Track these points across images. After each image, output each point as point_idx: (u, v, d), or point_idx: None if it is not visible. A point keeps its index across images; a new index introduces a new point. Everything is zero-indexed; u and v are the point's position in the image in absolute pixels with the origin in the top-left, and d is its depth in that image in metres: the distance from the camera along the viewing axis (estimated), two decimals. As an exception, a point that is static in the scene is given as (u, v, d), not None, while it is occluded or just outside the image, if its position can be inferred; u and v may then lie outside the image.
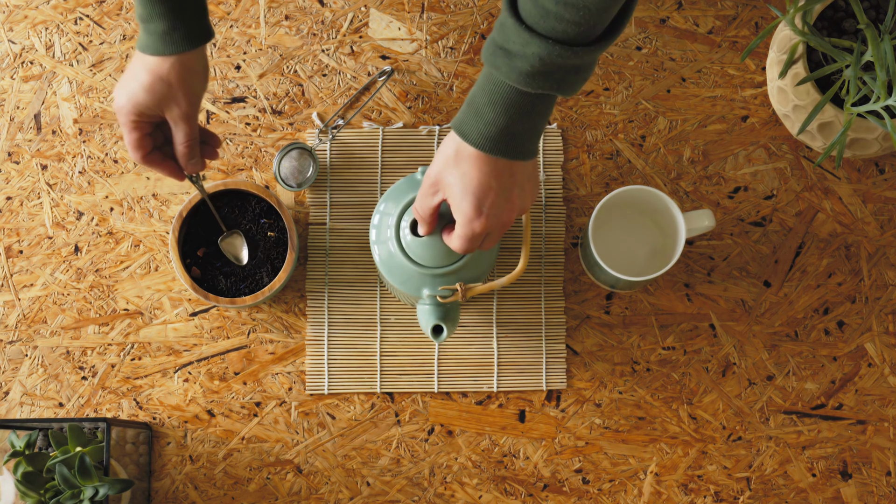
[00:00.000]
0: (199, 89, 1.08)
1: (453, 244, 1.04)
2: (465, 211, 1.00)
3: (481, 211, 0.99)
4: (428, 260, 1.10)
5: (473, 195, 0.99)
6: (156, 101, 1.06)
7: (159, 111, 1.07)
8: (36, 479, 1.11)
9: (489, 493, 1.26)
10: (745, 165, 1.31)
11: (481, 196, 0.99)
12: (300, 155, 1.29)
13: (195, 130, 1.09)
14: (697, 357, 1.28)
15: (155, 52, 1.04)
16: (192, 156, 1.11)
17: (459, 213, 1.00)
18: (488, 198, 0.99)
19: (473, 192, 0.99)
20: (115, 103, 1.07)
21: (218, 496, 1.26)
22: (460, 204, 1.00)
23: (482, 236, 1.02)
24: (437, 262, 1.10)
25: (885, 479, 1.27)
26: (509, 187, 1.00)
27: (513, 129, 0.97)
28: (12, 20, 1.33)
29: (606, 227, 1.26)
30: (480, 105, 0.97)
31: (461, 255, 1.11)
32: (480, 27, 1.33)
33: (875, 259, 1.30)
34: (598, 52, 0.93)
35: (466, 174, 0.98)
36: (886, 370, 1.28)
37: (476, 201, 0.99)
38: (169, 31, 1.03)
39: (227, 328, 1.28)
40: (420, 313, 1.12)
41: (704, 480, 1.26)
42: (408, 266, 1.10)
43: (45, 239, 1.30)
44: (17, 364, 1.28)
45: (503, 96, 0.95)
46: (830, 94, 1.17)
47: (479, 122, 0.97)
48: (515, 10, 0.92)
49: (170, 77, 1.04)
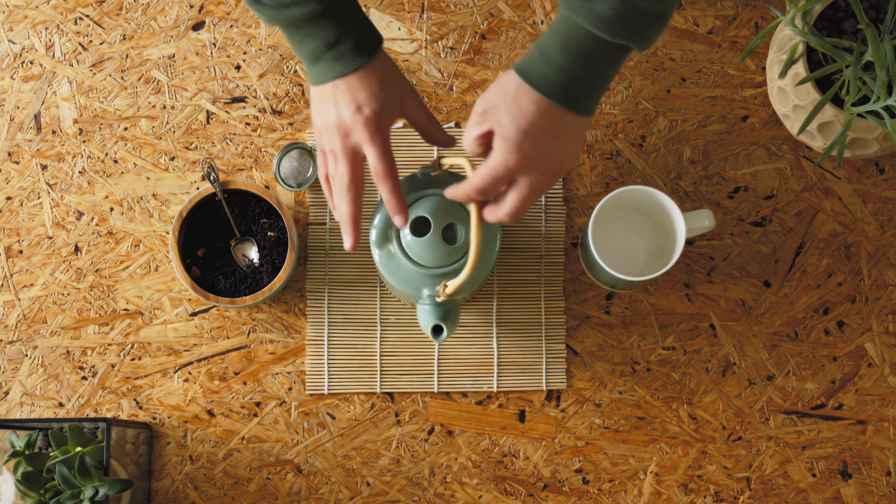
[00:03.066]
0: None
1: (472, 180, 1.00)
2: (507, 140, 0.96)
3: (523, 148, 0.96)
4: (428, 260, 1.10)
5: (521, 129, 0.95)
6: (398, 97, 1.03)
7: (400, 107, 1.05)
8: (36, 479, 1.11)
9: (489, 493, 1.26)
10: (745, 165, 1.31)
11: (529, 131, 0.95)
12: (300, 155, 1.29)
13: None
14: (697, 357, 1.28)
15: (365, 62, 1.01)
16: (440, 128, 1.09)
17: (500, 143, 0.97)
18: (534, 136, 0.96)
19: (522, 127, 0.95)
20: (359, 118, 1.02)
21: (218, 496, 1.26)
22: (506, 133, 0.96)
23: (507, 179, 0.98)
24: (437, 262, 1.10)
25: (885, 479, 1.27)
26: (557, 135, 0.96)
27: (579, 79, 0.94)
28: (12, 20, 1.33)
29: (606, 227, 1.26)
30: (550, 48, 0.94)
31: (461, 255, 1.11)
32: (480, 27, 1.33)
33: (875, 259, 1.30)
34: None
35: (522, 108, 0.95)
36: (886, 370, 1.28)
37: (522, 135, 0.96)
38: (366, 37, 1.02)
39: (227, 328, 1.28)
40: (420, 313, 1.12)
41: (704, 480, 1.26)
42: (408, 266, 1.10)
43: (45, 239, 1.30)
44: (17, 364, 1.28)
45: (577, 41, 0.93)
46: (830, 94, 1.17)
47: (546, 66, 0.95)
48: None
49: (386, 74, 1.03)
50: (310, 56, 1.03)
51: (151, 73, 1.32)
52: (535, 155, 0.97)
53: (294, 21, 1.00)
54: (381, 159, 1.02)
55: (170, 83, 1.32)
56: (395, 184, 1.03)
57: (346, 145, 1.03)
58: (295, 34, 1.02)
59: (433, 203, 1.10)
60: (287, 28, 1.02)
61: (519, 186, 0.99)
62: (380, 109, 1.02)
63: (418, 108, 1.07)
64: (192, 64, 1.32)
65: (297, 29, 1.01)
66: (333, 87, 1.02)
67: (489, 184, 0.99)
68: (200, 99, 1.31)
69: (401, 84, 1.05)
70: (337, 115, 1.02)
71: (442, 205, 1.10)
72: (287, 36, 1.03)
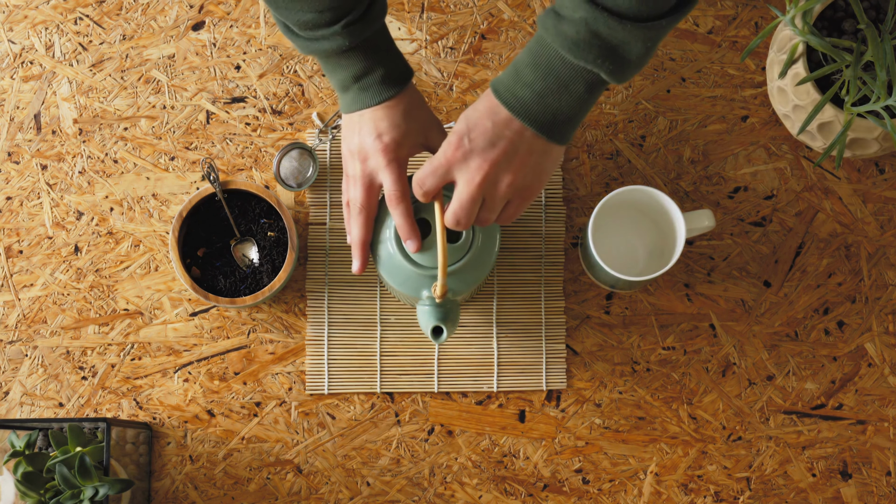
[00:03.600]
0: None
1: (417, 172, 1.02)
2: (452, 132, 0.99)
3: (462, 141, 0.98)
4: (428, 260, 1.10)
5: (467, 119, 0.98)
6: (421, 128, 1.07)
7: (424, 139, 1.08)
8: (36, 479, 1.11)
9: (489, 493, 1.26)
10: (745, 165, 1.31)
11: (473, 125, 0.97)
12: (300, 155, 1.29)
13: None
14: (697, 357, 1.28)
15: (392, 94, 1.05)
16: None
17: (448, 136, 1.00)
18: (476, 132, 0.97)
19: (469, 118, 0.98)
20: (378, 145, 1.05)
21: (218, 496, 1.26)
22: (455, 128, 0.99)
23: (443, 171, 1.00)
24: (436, 263, 1.10)
25: (885, 479, 1.27)
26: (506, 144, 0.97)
27: (547, 100, 0.95)
28: (12, 20, 1.33)
29: (606, 227, 1.26)
30: (522, 66, 0.95)
31: (461, 255, 1.10)
32: (480, 27, 1.33)
33: (875, 259, 1.30)
34: (647, 32, 0.90)
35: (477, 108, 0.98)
36: (886, 370, 1.28)
37: (465, 127, 0.98)
38: (394, 70, 1.05)
39: (227, 328, 1.28)
40: (420, 314, 1.12)
41: (704, 480, 1.26)
42: (406, 267, 1.10)
43: (45, 239, 1.30)
44: (17, 364, 1.28)
45: (546, 60, 0.94)
46: (830, 94, 1.17)
47: (515, 82, 0.96)
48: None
49: (412, 106, 1.07)
50: (340, 85, 1.07)
51: (151, 73, 1.32)
52: (473, 152, 0.98)
53: (324, 53, 1.04)
54: (394, 184, 1.05)
55: (170, 83, 1.32)
56: (408, 208, 1.05)
57: (364, 171, 1.07)
58: (327, 64, 1.06)
59: (432, 204, 1.10)
60: (320, 58, 1.06)
61: (458, 188, 1.01)
62: (399, 139, 1.05)
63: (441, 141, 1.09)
64: (192, 64, 1.32)
65: (328, 60, 1.06)
66: (360, 116, 1.07)
67: (427, 175, 1.01)
68: (200, 99, 1.31)
69: (425, 116, 1.08)
70: (359, 141, 1.06)
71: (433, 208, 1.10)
72: (321, 64, 1.07)
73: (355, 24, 1.02)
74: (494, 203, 1.02)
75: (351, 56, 1.04)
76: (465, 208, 1.01)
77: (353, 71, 1.05)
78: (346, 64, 1.05)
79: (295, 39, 1.05)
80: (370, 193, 1.08)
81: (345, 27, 1.01)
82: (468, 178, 0.99)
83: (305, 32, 1.04)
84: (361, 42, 1.03)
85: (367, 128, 1.06)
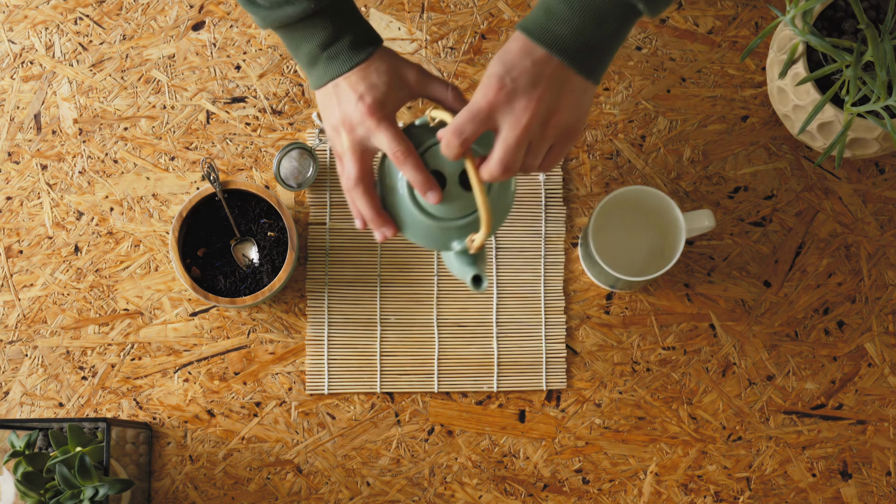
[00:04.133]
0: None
1: (451, 122, 0.95)
2: (487, 76, 0.93)
3: (503, 81, 0.92)
4: (451, 212, 1.01)
5: (502, 62, 0.93)
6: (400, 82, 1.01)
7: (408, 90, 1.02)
8: (36, 479, 1.11)
9: (489, 493, 1.26)
10: (745, 165, 1.31)
11: (510, 66, 0.92)
12: (300, 155, 1.29)
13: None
14: (697, 357, 1.28)
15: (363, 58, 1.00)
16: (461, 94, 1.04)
17: (482, 81, 0.94)
18: (515, 72, 0.93)
19: (503, 61, 0.92)
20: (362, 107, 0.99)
21: (218, 496, 1.26)
22: (488, 71, 0.93)
23: (487, 118, 0.94)
24: (463, 212, 1.01)
25: (885, 479, 1.27)
26: (545, 82, 0.93)
27: (584, 35, 0.92)
28: (12, 20, 1.33)
29: (606, 227, 1.26)
30: (554, 4, 0.92)
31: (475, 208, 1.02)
32: (480, 27, 1.33)
33: (875, 259, 1.30)
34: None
35: (508, 49, 0.93)
36: (886, 370, 1.28)
37: (502, 68, 0.92)
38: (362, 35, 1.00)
39: (227, 328, 1.28)
40: (452, 265, 1.05)
41: (704, 480, 1.26)
42: (428, 223, 1.02)
43: (45, 239, 1.30)
44: (17, 364, 1.28)
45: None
46: (830, 94, 1.17)
47: (549, 20, 0.93)
48: None
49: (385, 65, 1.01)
50: (307, 59, 1.02)
51: (151, 73, 1.32)
52: (517, 89, 0.93)
53: (288, 21, 0.99)
54: (394, 141, 0.98)
55: (170, 83, 1.32)
56: (418, 161, 0.98)
57: (353, 140, 1.01)
58: (291, 37, 1.01)
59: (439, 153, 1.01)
60: (283, 31, 1.01)
61: (503, 132, 0.95)
62: (382, 97, 1.00)
63: (432, 83, 1.03)
64: (192, 64, 1.32)
65: (292, 32, 1.01)
66: (334, 87, 1.01)
67: (466, 122, 0.94)
68: (200, 99, 1.31)
69: (402, 66, 1.02)
70: (340, 113, 1.01)
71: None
72: (284, 40, 1.03)
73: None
74: (540, 146, 0.96)
75: (317, 23, 0.99)
76: (512, 153, 0.94)
77: (319, 39, 1.00)
78: (312, 32, 1.00)
79: (256, 11, 1.00)
80: (364, 161, 1.01)
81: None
82: (514, 121, 0.94)
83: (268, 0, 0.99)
84: (327, 6, 0.98)
85: (346, 95, 1.00)
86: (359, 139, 1.01)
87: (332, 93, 1.02)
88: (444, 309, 1.29)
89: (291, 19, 0.99)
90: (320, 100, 1.03)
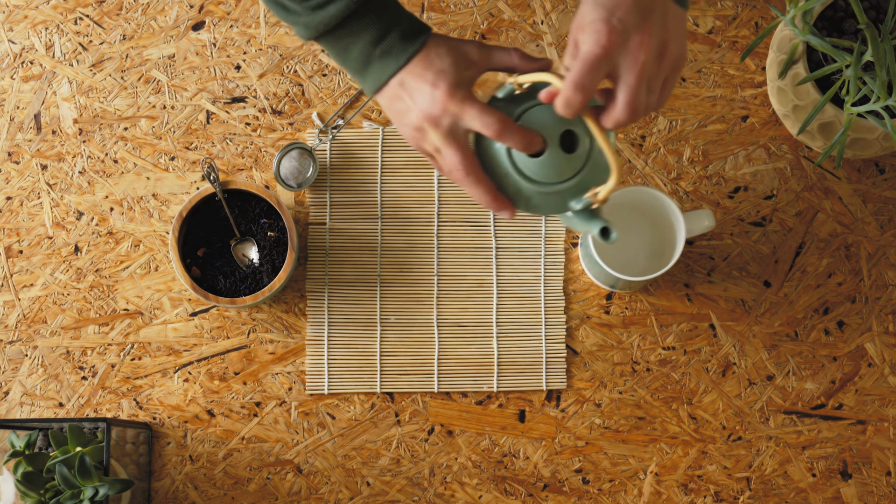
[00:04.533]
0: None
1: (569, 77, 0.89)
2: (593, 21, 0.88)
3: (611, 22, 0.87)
4: (554, 175, 0.96)
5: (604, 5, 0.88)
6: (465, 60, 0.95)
7: (475, 66, 0.96)
8: (36, 479, 1.11)
9: (489, 493, 1.26)
10: (745, 165, 1.31)
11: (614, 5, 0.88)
12: (300, 155, 1.29)
13: None
14: (697, 357, 1.28)
15: (419, 46, 0.95)
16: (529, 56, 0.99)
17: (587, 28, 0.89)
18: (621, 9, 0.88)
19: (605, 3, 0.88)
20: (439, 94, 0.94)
21: (218, 496, 1.26)
22: (591, 16, 0.88)
23: (604, 63, 0.88)
24: (567, 174, 0.97)
25: (885, 479, 1.27)
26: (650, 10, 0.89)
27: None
28: (12, 20, 1.33)
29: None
30: None
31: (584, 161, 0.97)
32: (480, 27, 1.33)
33: (875, 259, 1.30)
34: None
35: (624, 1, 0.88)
36: (886, 370, 1.28)
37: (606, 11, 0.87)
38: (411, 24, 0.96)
39: (227, 328, 1.28)
40: (575, 224, 1.00)
41: (704, 480, 1.26)
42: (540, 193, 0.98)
43: (45, 239, 1.30)
44: (17, 364, 1.28)
45: None
46: (830, 94, 1.17)
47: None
48: None
49: (443, 48, 0.95)
50: (360, 60, 0.96)
51: (151, 73, 1.32)
52: (628, 28, 0.89)
53: (332, 23, 0.94)
54: (485, 114, 0.93)
55: (170, 83, 1.32)
56: (516, 125, 0.94)
57: (443, 132, 0.95)
58: (338, 42, 0.96)
59: (536, 116, 0.96)
60: (328, 38, 0.96)
61: (623, 75, 0.90)
62: (455, 79, 0.94)
63: (494, 53, 0.97)
64: (192, 64, 1.32)
65: (338, 37, 0.96)
66: (399, 85, 0.96)
67: (585, 74, 0.88)
68: (200, 99, 1.31)
69: (464, 46, 0.96)
70: (417, 108, 0.95)
71: (547, 115, 0.95)
72: (331, 48, 0.97)
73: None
74: (656, 82, 0.92)
75: (362, 20, 0.94)
76: (636, 93, 0.90)
77: (369, 36, 0.94)
78: (360, 31, 0.94)
79: (296, 19, 0.95)
80: (463, 148, 0.95)
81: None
82: (632, 60, 0.89)
83: (305, 4, 0.93)
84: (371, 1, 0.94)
85: (417, 89, 0.94)
86: (448, 128, 0.95)
87: (399, 92, 0.96)
88: (444, 309, 1.29)
89: (335, 19, 0.94)
90: (386, 104, 0.98)
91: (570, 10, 1.33)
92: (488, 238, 1.30)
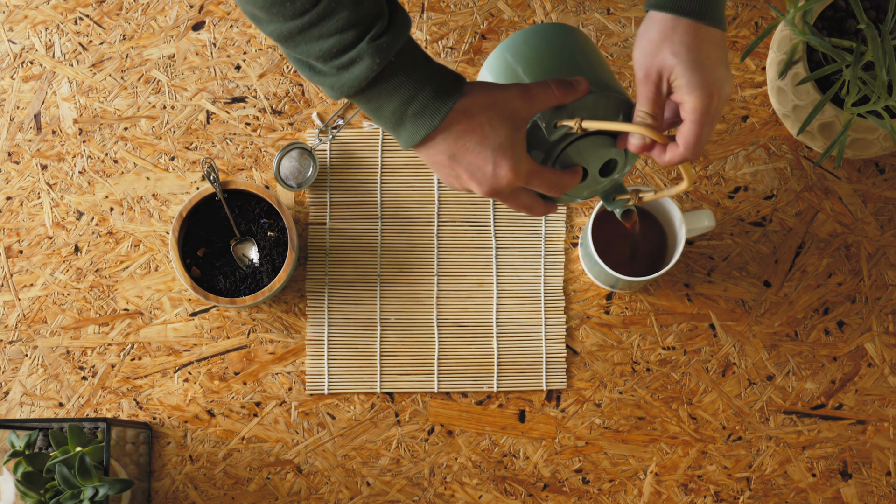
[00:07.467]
0: None
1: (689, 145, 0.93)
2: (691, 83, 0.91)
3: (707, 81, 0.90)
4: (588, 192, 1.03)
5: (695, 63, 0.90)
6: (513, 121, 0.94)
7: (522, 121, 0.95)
8: (36, 479, 1.11)
9: (489, 493, 1.26)
10: (745, 165, 1.31)
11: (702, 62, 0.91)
12: (300, 155, 1.29)
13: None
14: (697, 357, 1.28)
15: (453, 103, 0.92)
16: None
17: (687, 90, 0.91)
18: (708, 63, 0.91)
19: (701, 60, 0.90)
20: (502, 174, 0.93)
21: (218, 496, 1.26)
22: (691, 79, 0.91)
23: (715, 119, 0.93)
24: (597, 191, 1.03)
25: (885, 479, 1.27)
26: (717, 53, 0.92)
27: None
28: (12, 20, 1.33)
29: (606, 227, 1.26)
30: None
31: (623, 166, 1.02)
32: (480, 27, 1.33)
33: (875, 259, 1.30)
34: None
35: (682, 42, 0.91)
36: (886, 370, 1.28)
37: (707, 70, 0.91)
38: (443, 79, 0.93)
39: (227, 328, 1.28)
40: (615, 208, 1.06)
41: (704, 480, 1.26)
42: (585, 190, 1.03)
43: (45, 239, 1.30)
44: (17, 364, 1.28)
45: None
46: (830, 94, 1.17)
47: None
48: None
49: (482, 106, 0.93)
50: (393, 120, 0.93)
51: (151, 73, 1.32)
52: (720, 80, 0.92)
53: (359, 85, 0.91)
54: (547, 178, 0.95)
55: (170, 83, 1.32)
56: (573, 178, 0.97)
57: (505, 196, 0.96)
58: (368, 104, 0.93)
59: (579, 149, 0.97)
60: (358, 98, 0.93)
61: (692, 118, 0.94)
62: (517, 155, 0.93)
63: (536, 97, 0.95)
64: (192, 64, 1.32)
65: (368, 98, 0.92)
66: (450, 160, 0.94)
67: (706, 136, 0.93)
68: (200, 99, 1.32)
69: (509, 104, 0.94)
70: (476, 184, 0.95)
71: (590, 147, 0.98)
72: (363, 108, 0.94)
73: (382, 38, 0.89)
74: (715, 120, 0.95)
75: (391, 80, 0.91)
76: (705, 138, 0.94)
77: (399, 98, 0.91)
78: (390, 92, 0.91)
79: (322, 80, 0.92)
80: (531, 196, 0.97)
81: (371, 41, 0.88)
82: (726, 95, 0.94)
83: (330, 64, 0.90)
84: (396, 59, 0.90)
85: (474, 166, 0.93)
86: (511, 193, 0.96)
87: (447, 166, 0.95)
88: (444, 309, 1.29)
89: (361, 81, 0.90)
90: (427, 160, 0.96)
91: (570, 10, 1.33)
92: (488, 238, 1.30)
